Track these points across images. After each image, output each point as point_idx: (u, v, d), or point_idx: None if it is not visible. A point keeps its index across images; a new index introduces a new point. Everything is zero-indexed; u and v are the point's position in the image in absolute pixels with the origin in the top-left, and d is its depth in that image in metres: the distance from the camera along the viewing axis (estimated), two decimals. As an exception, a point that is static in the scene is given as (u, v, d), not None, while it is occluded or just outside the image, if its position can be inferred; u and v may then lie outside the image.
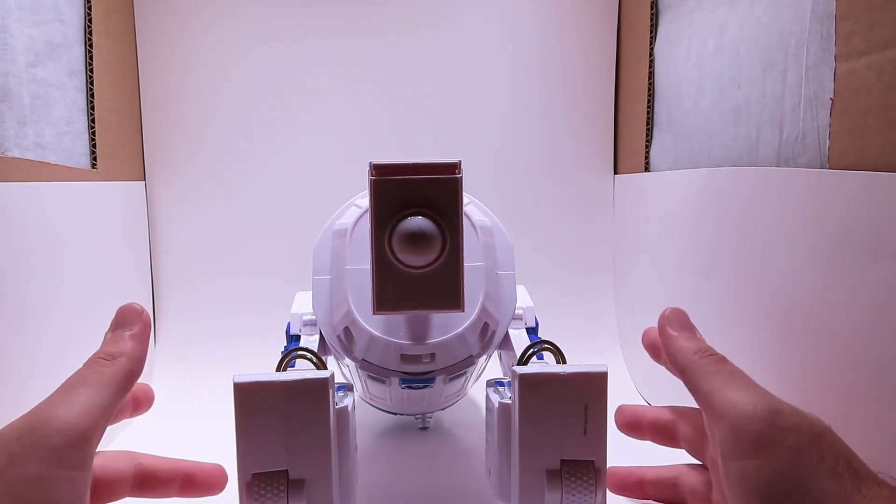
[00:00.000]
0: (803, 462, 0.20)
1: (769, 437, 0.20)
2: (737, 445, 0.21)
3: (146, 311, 0.25)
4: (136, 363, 0.24)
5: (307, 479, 0.26)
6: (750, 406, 0.21)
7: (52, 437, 0.20)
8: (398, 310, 0.26)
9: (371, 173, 0.25)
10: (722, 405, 0.22)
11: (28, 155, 0.40)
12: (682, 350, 0.25)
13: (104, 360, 0.23)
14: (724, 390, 0.22)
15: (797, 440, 0.20)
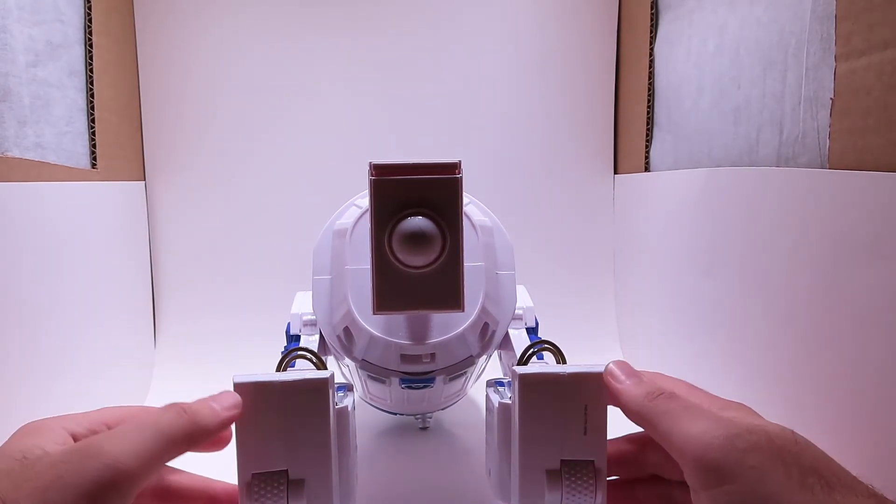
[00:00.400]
0: (769, 480, 0.20)
1: (730, 462, 0.20)
2: (701, 477, 0.21)
3: (241, 407, 0.25)
4: (207, 435, 0.23)
5: (307, 479, 0.26)
6: (706, 436, 0.21)
7: (100, 469, 0.20)
8: (398, 310, 0.26)
9: (371, 173, 0.25)
10: (680, 441, 0.22)
11: (28, 155, 0.40)
12: (632, 398, 0.25)
13: (182, 413, 0.23)
14: (679, 426, 0.22)
15: (758, 459, 0.20)
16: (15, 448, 0.21)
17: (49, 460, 0.20)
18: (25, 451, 0.21)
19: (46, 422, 0.23)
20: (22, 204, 0.38)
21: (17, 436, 0.23)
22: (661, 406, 0.23)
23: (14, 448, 0.21)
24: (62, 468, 0.20)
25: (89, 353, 0.46)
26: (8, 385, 0.36)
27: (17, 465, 0.20)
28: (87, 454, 0.20)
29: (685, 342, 0.48)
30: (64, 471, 0.20)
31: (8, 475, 0.20)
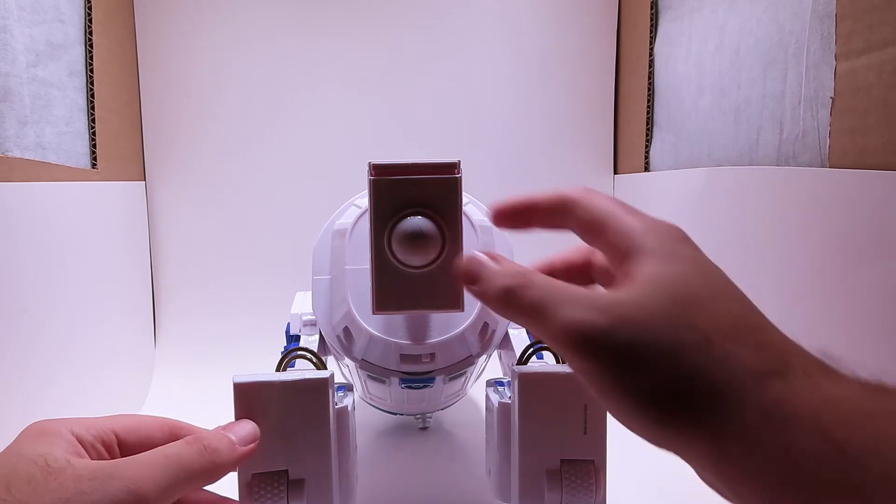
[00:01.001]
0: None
1: (615, 353, 0.18)
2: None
3: (258, 439, 0.25)
4: (226, 471, 0.24)
5: (307, 478, 0.26)
6: (582, 325, 0.18)
7: (121, 491, 0.20)
8: (398, 310, 0.26)
9: (370, 173, 0.25)
10: (554, 336, 0.19)
11: (28, 155, 0.40)
12: (490, 303, 0.22)
13: (204, 451, 0.23)
14: (547, 322, 0.19)
15: (644, 345, 0.18)
16: (33, 452, 0.21)
17: (73, 473, 0.21)
18: (48, 458, 0.21)
19: (54, 423, 0.24)
20: (22, 204, 0.38)
21: (28, 437, 0.23)
22: (517, 305, 0.20)
23: (32, 452, 0.22)
24: (86, 483, 0.20)
25: (89, 353, 0.46)
26: (8, 384, 0.36)
27: (38, 472, 0.20)
28: (110, 474, 0.21)
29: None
30: (87, 486, 0.20)
31: (29, 482, 0.20)
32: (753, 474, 0.16)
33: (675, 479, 0.40)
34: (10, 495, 0.20)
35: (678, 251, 0.20)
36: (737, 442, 0.16)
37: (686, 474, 0.43)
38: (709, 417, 0.17)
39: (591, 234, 0.23)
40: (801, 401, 0.16)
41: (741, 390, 0.16)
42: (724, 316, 0.18)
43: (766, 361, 0.17)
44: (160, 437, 0.26)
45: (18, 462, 0.21)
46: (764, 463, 0.16)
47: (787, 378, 0.16)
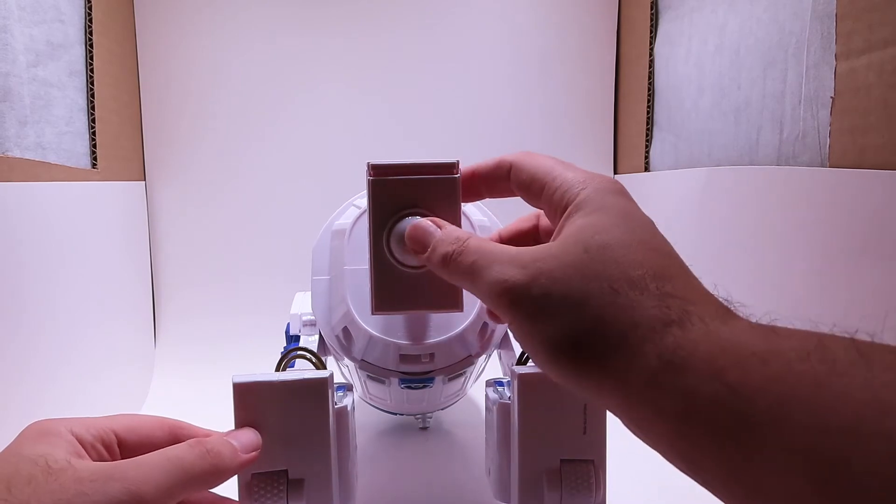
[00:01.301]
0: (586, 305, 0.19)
1: (537, 302, 0.19)
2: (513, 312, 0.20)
3: (260, 448, 0.25)
4: (227, 477, 0.24)
5: (306, 478, 0.26)
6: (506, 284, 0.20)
7: (122, 493, 0.21)
8: (397, 310, 0.26)
9: (369, 174, 0.25)
10: (488, 293, 0.21)
11: (28, 155, 0.40)
12: (436, 268, 0.23)
13: (206, 455, 0.23)
14: (480, 282, 0.21)
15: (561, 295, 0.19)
16: (34, 452, 0.22)
17: (74, 474, 0.21)
18: (48, 459, 0.21)
19: (54, 423, 0.24)
20: (22, 204, 0.38)
21: (28, 437, 0.23)
22: (455, 269, 0.22)
23: (33, 452, 0.22)
24: (87, 485, 0.20)
25: (89, 353, 0.46)
26: (9, 384, 0.36)
27: (39, 473, 0.21)
28: (111, 476, 0.21)
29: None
30: (88, 487, 0.20)
31: (30, 482, 0.20)
32: (656, 417, 0.17)
33: (675, 479, 0.40)
34: (10, 496, 0.20)
35: (607, 202, 0.21)
36: (639, 387, 0.17)
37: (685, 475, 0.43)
38: (613, 363, 0.18)
39: (532, 195, 0.24)
40: (698, 347, 0.17)
41: (641, 338, 0.17)
42: (634, 265, 0.19)
43: (666, 310, 0.18)
44: (160, 436, 0.26)
45: (19, 462, 0.21)
46: (665, 406, 0.17)
47: (686, 326, 0.17)
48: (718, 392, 0.16)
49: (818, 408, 0.14)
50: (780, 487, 0.15)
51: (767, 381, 0.15)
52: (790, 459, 0.14)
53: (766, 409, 0.15)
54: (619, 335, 0.18)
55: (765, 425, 0.15)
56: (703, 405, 0.16)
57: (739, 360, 0.16)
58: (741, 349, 0.16)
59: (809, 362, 0.15)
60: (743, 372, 0.16)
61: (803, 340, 0.16)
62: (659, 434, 0.17)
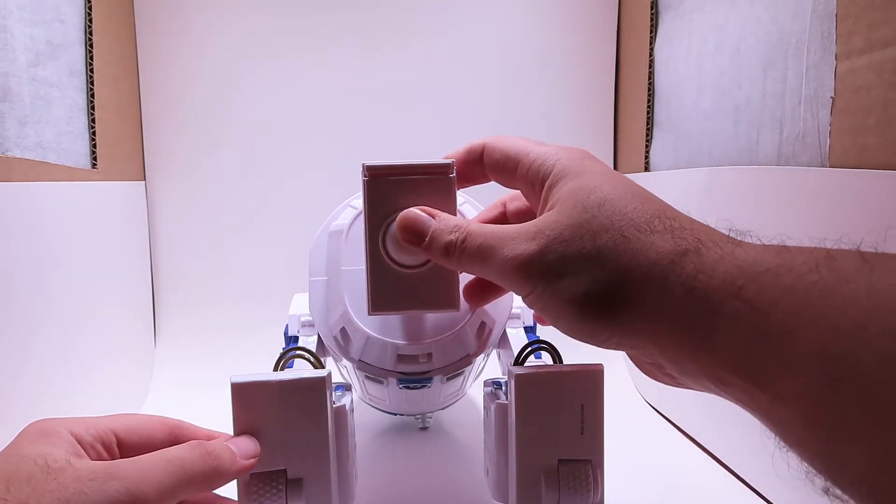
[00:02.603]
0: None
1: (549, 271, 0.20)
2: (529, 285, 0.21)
3: (258, 456, 0.25)
4: (225, 481, 0.24)
5: (305, 478, 0.26)
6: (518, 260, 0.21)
7: (121, 492, 0.21)
8: (393, 310, 0.26)
9: (364, 174, 0.25)
10: (500, 273, 0.22)
11: (28, 155, 0.40)
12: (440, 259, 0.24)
13: (206, 456, 0.23)
14: (489, 265, 0.22)
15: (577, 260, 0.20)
16: (33, 452, 0.22)
17: (73, 473, 0.21)
18: (48, 458, 0.21)
19: (53, 423, 0.24)
20: (22, 204, 0.38)
21: (28, 437, 0.23)
22: (463, 256, 0.23)
23: (32, 452, 0.22)
24: (86, 484, 0.20)
25: (90, 353, 0.46)
26: (8, 384, 0.36)
27: (38, 472, 0.21)
28: (111, 475, 0.21)
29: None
30: (87, 486, 0.20)
31: (29, 481, 0.20)
32: (686, 344, 0.18)
33: (674, 479, 0.40)
34: (10, 494, 0.20)
35: (586, 167, 0.22)
36: (668, 319, 0.18)
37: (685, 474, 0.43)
38: (641, 303, 0.19)
39: (506, 174, 0.25)
40: (716, 270, 0.18)
41: (662, 272, 0.18)
42: (635, 212, 0.20)
43: (680, 240, 0.19)
44: (160, 436, 0.26)
45: (19, 462, 0.21)
46: (694, 331, 0.18)
47: (701, 253, 0.18)
48: (740, 309, 0.17)
49: (828, 312, 0.15)
50: (799, 390, 0.16)
51: (782, 294, 0.16)
52: (806, 363, 0.15)
53: (782, 321, 0.16)
54: (641, 275, 0.19)
55: (781, 335, 0.16)
56: (726, 324, 0.17)
57: (755, 276, 0.17)
58: (756, 266, 0.17)
59: (818, 273, 0.16)
60: (759, 288, 0.17)
61: (812, 254, 0.17)
62: (689, 360, 0.18)
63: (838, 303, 0.15)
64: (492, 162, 0.25)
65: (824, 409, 0.15)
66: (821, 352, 0.15)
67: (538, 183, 0.23)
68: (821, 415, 0.15)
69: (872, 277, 0.15)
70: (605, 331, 0.20)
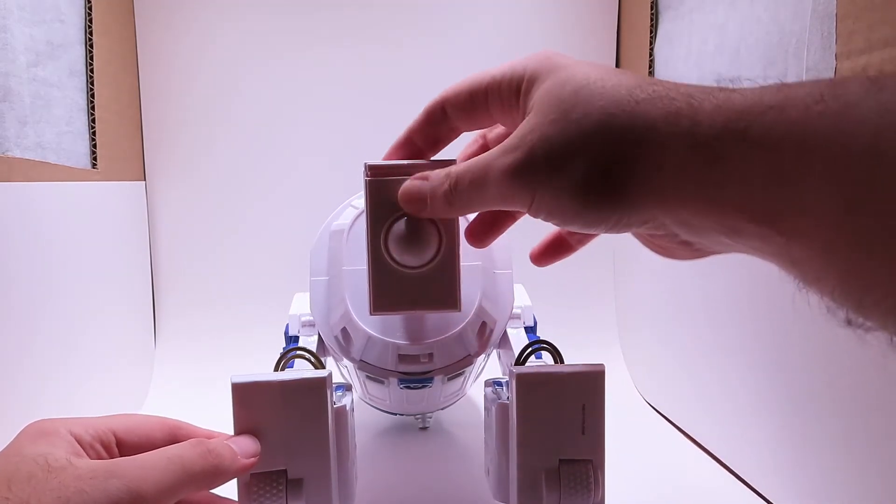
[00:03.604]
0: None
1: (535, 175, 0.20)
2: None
3: (259, 456, 0.25)
4: (226, 479, 0.24)
5: (306, 478, 0.26)
6: (511, 168, 0.21)
7: (121, 491, 0.21)
8: (395, 310, 0.26)
9: (366, 174, 0.25)
10: (499, 195, 0.21)
11: (28, 155, 0.40)
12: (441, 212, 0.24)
13: (207, 454, 0.23)
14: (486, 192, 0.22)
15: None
16: (34, 451, 0.22)
17: (74, 472, 0.21)
18: (48, 458, 0.21)
19: (52, 423, 0.24)
20: (22, 204, 0.38)
21: (27, 437, 0.23)
22: (461, 200, 0.23)
23: (33, 451, 0.22)
24: (86, 482, 0.20)
25: (89, 353, 0.46)
26: (8, 384, 0.36)
27: (39, 471, 0.21)
28: (111, 473, 0.21)
29: (685, 340, 0.47)
30: (88, 485, 0.20)
31: (30, 480, 0.20)
32: (698, 201, 0.18)
33: (675, 479, 0.40)
34: (11, 493, 0.20)
35: (556, 63, 0.22)
36: (674, 179, 0.18)
37: (685, 474, 0.43)
38: (642, 174, 0.18)
39: (477, 112, 0.25)
40: (715, 119, 0.17)
41: (659, 140, 0.18)
42: (613, 88, 0.19)
43: (668, 104, 0.18)
44: (160, 436, 0.26)
45: (20, 461, 0.21)
46: (704, 185, 0.17)
47: (694, 108, 0.18)
48: (747, 152, 0.16)
49: (838, 139, 0.15)
50: (815, 222, 0.15)
51: (789, 129, 0.16)
52: (821, 194, 0.15)
53: (792, 156, 0.16)
54: (637, 145, 0.18)
55: (793, 170, 0.16)
56: (735, 169, 0.17)
57: (758, 116, 0.16)
58: (757, 107, 0.17)
59: (824, 102, 0.15)
60: (764, 127, 0.16)
61: (816, 86, 0.16)
62: (702, 217, 0.18)
63: (848, 128, 0.15)
64: (458, 105, 0.25)
65: (843, 237, 0.15)
66: (835, 180, 0.15)
67: (513, 97, 0.22)
68: (840, 244, 0.15)
69: (881, 97, 0.15)
70: (615, 212, 0.19)
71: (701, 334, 0.45)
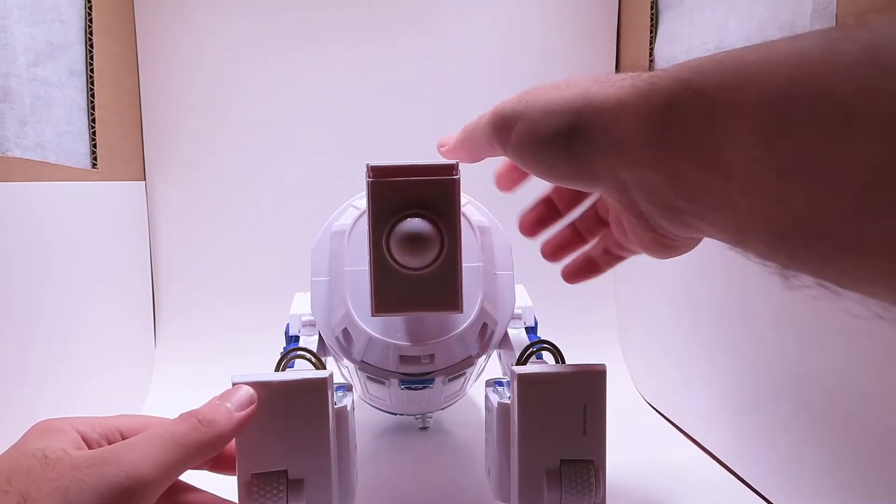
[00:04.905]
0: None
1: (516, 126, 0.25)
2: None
3: (256, 402, 0.25)
4: (225, 440, 0.24)
5: (306, 479, 0.26)
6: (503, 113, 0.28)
7: (119, 476, 0.21)
8: (397, 311, 0.26)
9: (368, 175, 0.25)
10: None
11: (28, 155, 0.40)
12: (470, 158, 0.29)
13: (198, 424, 0.23)
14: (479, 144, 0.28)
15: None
16: (34, 446, 0.22)
17: (70, 462, 0.21)
18: (46, 451, 0.21)
19: (59, 422, 0.24)
20: (22, 204, 0.38)
21: (32, 434, 0.23)
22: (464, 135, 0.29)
23: (33, 446, 0.22)
24: (83, 471, 0.20)
25: (89, 353, 0.46)
26: (8, 384, 0.36)
27: (37, 464, 0.21)
28: (107, 460, 0.21)
29: (685, 340, 0.47)
30: (85, 474, 0.20)
31: (29, 473, 0.20)
32: (649, 151, 0.19)
33: (675, 479, 0.40)
34: (10, 486, 0.20)
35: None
36: (630, 133, 0.20)
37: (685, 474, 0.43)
38: (608, 130, 0.21)
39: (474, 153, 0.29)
40: (667, 72, 0.19)
41: (626, 100, 0.20)
42: (597, 74, 0.23)
43: (640, 74, 0.20)
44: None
45: (20, 457, 0.21)
46: (650, 133, 0.19)
47: (657, 76, 0.19)
48: (688, 98, 0.18)
49: (760, 81, 0.16)
50: (744, 159, 0.17)
51: (724, 76, 0.17)
52: (746, 133, 0.16)
53: (726, 99, 0.17)
54: (601, 109, 0.21)
55: (725, 111, 0.17)
56: (678, 116, 0.18)
57: (700, 67, 0.18)
58: (705, 61, 0.18)
59: (756, 50, 0.17)
60: (704, 76, 0.18)
61: (759, 44, 0.18)
62: (653, 171, 0.20)
63: (768, 70, 0.16)
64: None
65: (768, 175, 0.16)
66: (757, 117, 0.16)
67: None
68: (766, 183, 0.16)
69: (799, 40, 0.16)
70: (582, 166, 0.22)
71: (701, 334, 0.45)
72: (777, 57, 0.16)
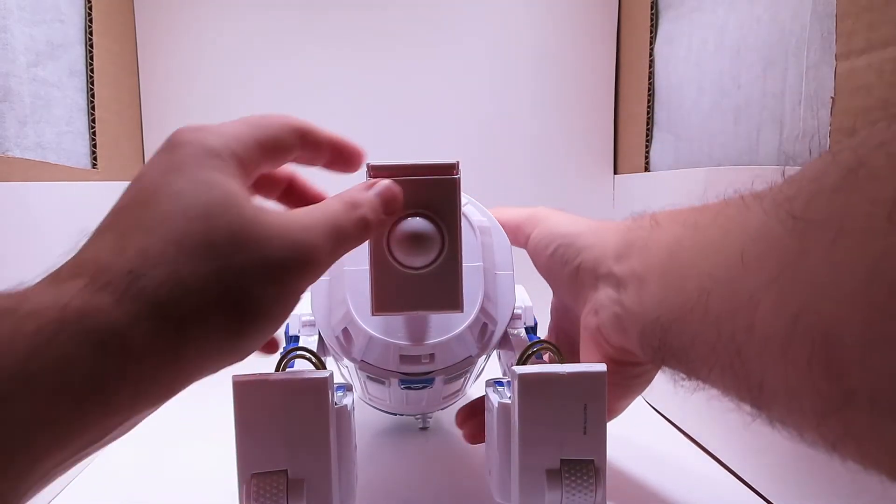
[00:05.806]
0: None
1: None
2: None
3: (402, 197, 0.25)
4: (370, 236, 0.25)
5: (306, 479, 0.26)
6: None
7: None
8: (397, 311, 0.26)
9: (368, 174, 0.25)
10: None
11: (28, 155, 0.40)
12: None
13: (359, 221, 0.23)
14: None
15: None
16: (207, 177, 0.21)
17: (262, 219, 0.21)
18: (240, 199, 0.21)
19: (213, 136, 0.22)
20: (22, 204, 0.38)
21: (193, 157, 0.21)
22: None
23: (206, 177, 0.21)
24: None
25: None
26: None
27: (237, 223, 0.20)
28: (290, 238, 0.21)
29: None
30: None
31: (233, 237, 0.20)
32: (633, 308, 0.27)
33: (675, 480, 0.40)
34: (212, 251, 0.19)
35: None
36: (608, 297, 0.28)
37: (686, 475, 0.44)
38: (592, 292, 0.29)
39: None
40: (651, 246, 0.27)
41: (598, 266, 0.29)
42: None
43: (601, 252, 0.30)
44: (291, 140, 0.26)
45: (208, 190, 0.20)
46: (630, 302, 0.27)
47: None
48: (618, 274, 0.28)
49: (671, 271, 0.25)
50: (635, 342, 0.27)
51: (647, 257, 0.27)
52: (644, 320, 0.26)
53: (653, 280, 0.26)
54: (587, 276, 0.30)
55: (639, 286, 0.26)
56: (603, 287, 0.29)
57: (629, 250, 0.28)
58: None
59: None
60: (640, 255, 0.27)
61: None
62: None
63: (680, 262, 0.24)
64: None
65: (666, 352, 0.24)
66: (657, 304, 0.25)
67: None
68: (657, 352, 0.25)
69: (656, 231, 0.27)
70: (582, 295, 0.30)
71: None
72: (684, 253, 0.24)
